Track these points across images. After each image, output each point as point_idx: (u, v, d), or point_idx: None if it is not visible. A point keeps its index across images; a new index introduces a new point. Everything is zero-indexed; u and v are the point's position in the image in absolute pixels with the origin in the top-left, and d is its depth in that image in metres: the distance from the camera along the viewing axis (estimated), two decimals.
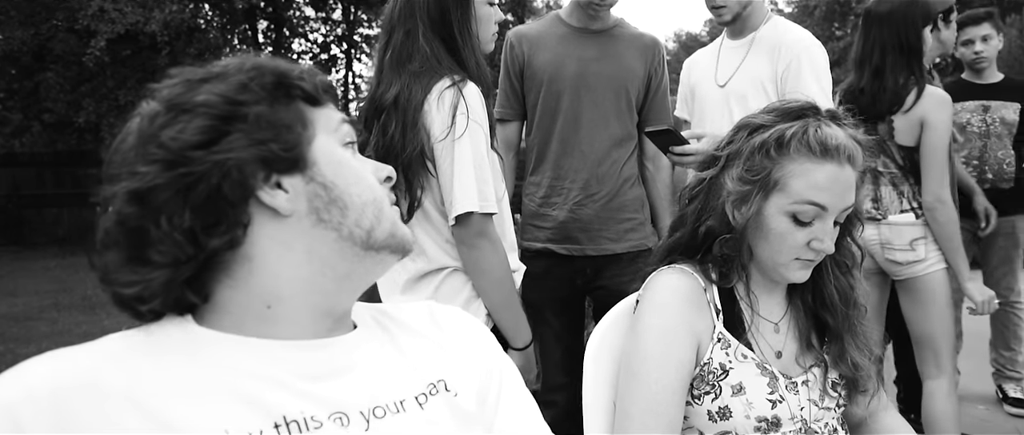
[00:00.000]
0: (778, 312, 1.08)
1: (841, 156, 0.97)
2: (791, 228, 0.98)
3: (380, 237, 0.68)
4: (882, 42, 2.03)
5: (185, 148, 0.60)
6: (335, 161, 0.67)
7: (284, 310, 0.65)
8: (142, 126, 0.63)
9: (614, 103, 1.94)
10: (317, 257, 0.66)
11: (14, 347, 4.90)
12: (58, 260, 10.09)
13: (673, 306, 1.02)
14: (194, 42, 11.43)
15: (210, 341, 0.63)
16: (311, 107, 0.68)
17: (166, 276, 0.61)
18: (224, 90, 0.63)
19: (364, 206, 0.67)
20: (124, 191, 0.61)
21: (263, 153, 0.62)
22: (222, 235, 0.62)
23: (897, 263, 2.05)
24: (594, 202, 1.93)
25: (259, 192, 0.63)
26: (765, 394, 1.00)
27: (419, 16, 1.43)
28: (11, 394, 0.56)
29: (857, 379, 1.05)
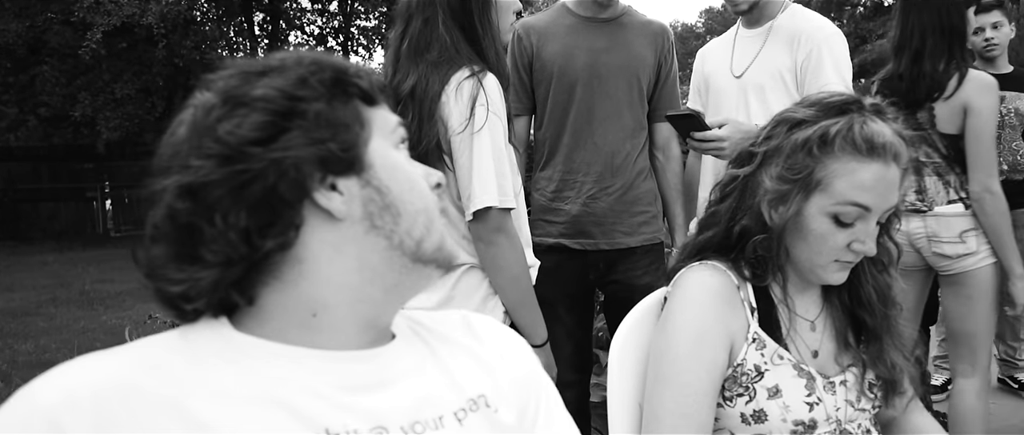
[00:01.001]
0: (814, 310, 1.04)
1: (887, 154, 0.92)
2: (832, 229, 0.93)
3: (428, 249, 0.66)
4: (922, 25, 1.93)
5: (243, 144, 0.57)
6: (390, 165, 0.65)
7: (329, 318, 0.63)
8: (197, 117, 0.60)
9: (627, 93, 1.89)
10: (367, 265, 0.63)
11: (12, 342, 4.87)
12: (56, 255, 10.04)
13: (706, 304, 0.98)
14: (190, 35, 11.35)
15: (251, 348, 0.61)
16: (367, 106, 0.65)
17: (215, 276, 0.58)
18: (283, 84, 0.60)
19: (416, 214, 0.65)
20: (175, 185, 0.58)
21: (321, 153, 0.60)
22: (276, 236, 0.59)
23: (946, 257, 1.95)
24: (608, 195, 1.89)
25: (315, 193, 0.60)
26: (803, 397, 0.96)
27: (439, 4, 1.39)
28: (51, 397, 0.54)
29: (895, 380, 1.01)
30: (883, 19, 22.92)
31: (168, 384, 0.56)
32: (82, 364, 0.57)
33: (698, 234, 1.05)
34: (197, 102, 0.61)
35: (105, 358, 0.58)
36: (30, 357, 4.45)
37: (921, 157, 1.98)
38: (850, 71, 1.88)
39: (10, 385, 3.79)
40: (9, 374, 4.04)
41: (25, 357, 4.46)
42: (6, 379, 3.93)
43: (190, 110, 0.61)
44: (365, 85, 0.64)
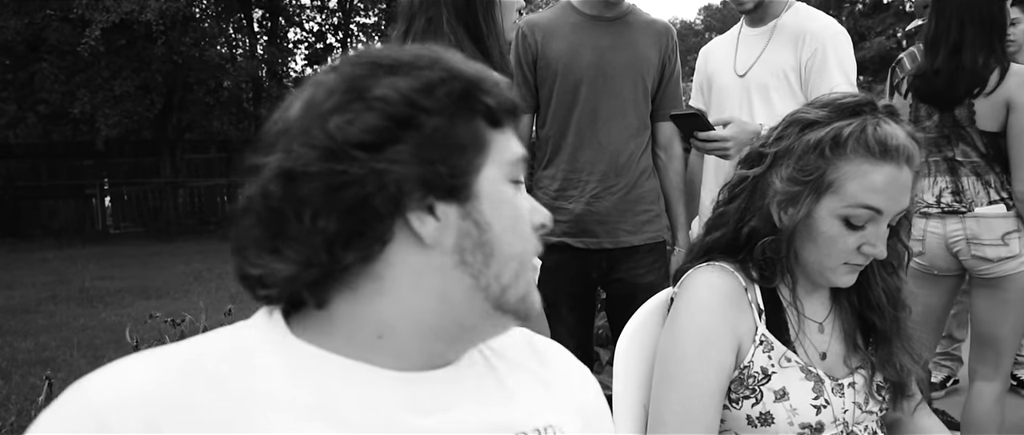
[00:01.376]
0: (822, 311, 1.04)
1: (900, 157, 0.91)
2: (842, 232, 0.93)
3: (512, 299, 0.60)
4: (961, 17, 1.85)
5: (349, 144, 0.53)
6: (498, 199, 0.59)
7: (394, 343, 0.59)
8: (314, 99, 0.56)
9: (632, 92, 1.89)
10: (446, 300, 0.58)
11: (11, 340, 4.86)
12: (55, 252, 10.02)
13: (713, 306, 0.97)
14: (189, 31, 11.32)
15: (311, 360, 0.57)
16: (491, 128, 0.59)
17: (291, 273, 0.55)
18: (407, 88, 0.55)
19: (510, 259, 0.59)
20: (276, 165, 0.55)
21: (428, 174, 0.55)
22: (360, 249, 0.55)
23: (987, 260, 1.87)
24: (612, 194, 1.88)
25: (410, 213, 0.55)
26: (810, 400, 0.96)
27: (443, 3, 1.39)
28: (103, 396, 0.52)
29: (904, 383, 1.00)
30: (882, 16, 22.87)
31: (221, 397, 0.53)
32: (136, 365, 0.55)
33: (705, 235, 1.04)
34: (320, 79, 0.58)
35: (159, 361, 0.55)
36: (30, 355, 4.44)
37: (958, 156, 1.91)
38: (855, 70, 1.87)
39: (9, 382, 3.78)
40: (9, 372, 4.03)
41: (25, 355, 4.45)
42: (6, 376, 3.92)
43: (311, 88, 0.57)
44: (494, 104, 0.58)
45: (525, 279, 0.61)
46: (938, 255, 1.97)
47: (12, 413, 3.20)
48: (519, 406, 0.64)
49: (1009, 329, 1.90)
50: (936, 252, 1.97)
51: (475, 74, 0.58)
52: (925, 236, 1.98)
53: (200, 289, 6.72)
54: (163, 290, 6.69)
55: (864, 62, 24.39)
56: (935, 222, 1.95)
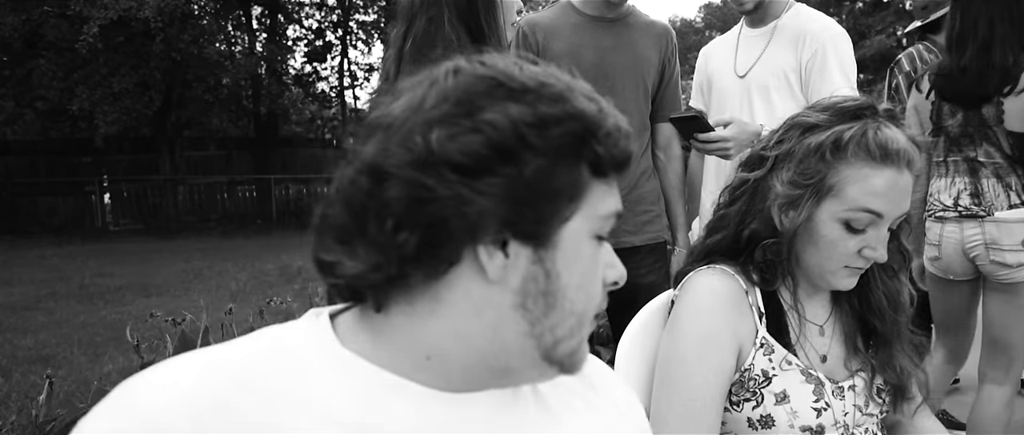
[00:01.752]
0: (823, 314, 1.04)
1: (900, 161, 0.91)
2: (843, 235, 0.93)
3: (562, 353, 0.58)
4: (990, 13, 1.81)
5: (444, 162, 0.51)
6: (576, 254, 0.56)
7: (442, 366, 0.58)
8: (424, 100, 0.54)
9: (632, 93, 1.90)
10: (499, 338, 0.57)
11: (11, 337, 4.86)
12: (54, 249, 10.02)
13: (714, 309, 0.98)
14: (188, 28, 11.31)
15: (358, 370, 0.57)
16: (593, 177, 0.56)
17: (358, 271, 0.54)
18: (520, 117, 0.52)
19: (570, 314, 0.57)
20: (370, 158, 0.53)
21: (511, 214, 0.53)
22: (426, 266, 0.54)
23: (1005, 265, 1.84)
24: None
25: (481, 244, 0.54)
26: (810, 402, 0.96)
27: (445, 2, 1.40)
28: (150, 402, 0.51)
29: (904, 386, 1.01)
30: (882, 14, 22.87)
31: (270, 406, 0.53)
32: (182, 369, 0.54)
33: (706, 237, 1.05)
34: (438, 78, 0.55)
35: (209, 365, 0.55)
36: (30, 352, 4.45)
37: (980, 156, 1.88)
38: (855, 71, 1.88)
39: (9, 380, 3.78)
40: (9, 369, 4.03)
41: (25, 352, 4.45)
42: (6, 374, 3.93)
43: (427, 83, 0.55)
44: (604, 154, 0.55)
45: (578, 338, 0.59)
46: (954, 260, 1.95)
47: (12, 410, 3.20)
48: (561, 430, 0.63)
49: (1021, 334, 1.88)
50: (952, 257, 1.94)
51: (596, 119, 0.55)
52: (941, 241, 1.95)
53: (200, 287, 6.73)
54: (163, 287, 6.70)
55: (864, 61, 24.33)
56: (952, 226, 1.92)
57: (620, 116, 0.57)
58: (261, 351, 0.56)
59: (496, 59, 0.56)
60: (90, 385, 3.58)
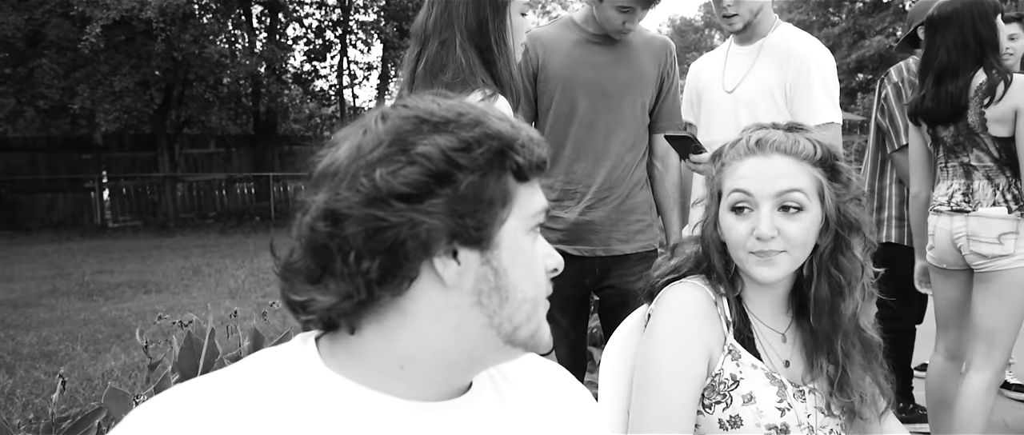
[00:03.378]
0: (783, 322, 1.12)
1: (766, 148, 1.04)
2: (734, 222, 1.05)
3: (523, 336, 0.67)
4: (946, 43, 2.00)
5: (391, 195, 0.59)
6: (516, 249, 0.65)
7: (414, 373, 0.65)
8: (362, 146, 0.62)
9: (629, 108, 1.96)
10: (462, 335, 0.65)
11: (14, 334, 4.92)
12: (54, 246, 10.07)
13: (685, 320, 1.06)
14: (189, 28, 11.35)
15: (340, 391, 0.64)
16: (518, 183, 0.65)
17: (330, 304, 0.62)
18: (447, 146, 0.60)
19: (523, 302, 0.66)
20: (323, 205, 0.61)
21: (456, 227, 0.61)
22: (390, 286, 0.61)
23: (982, 256, 2.00)
24: (606, 205, 1.96)
25: (436, 257, 0.62)
26: (774, 403, 1.04)
27: (457, 26, 1.45)
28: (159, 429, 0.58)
29: (855, 408, 1.08)
30: (882, 15, 22.93)
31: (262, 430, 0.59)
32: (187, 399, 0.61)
33: (671, 257, 1.16)
34: (369, 125, 0.63)
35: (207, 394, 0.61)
36: (33, 348, 4.51)
37: (973, 161, 2.03)
38: (837, 89, 1.97)
39: (14, 376, 3.85)
40: (13, 365, 4.10)
41: (28, 348, 4.52)
42: (10, 370, 3.99)
43: (359, 133, 0.62)
44: (523, 162, 0.64)
45: (536, 320, 0.67)
46: (946, 250, 2.11)
47: (18, 407, 3.27)
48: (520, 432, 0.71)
49: (1002, 322, 2.01)
50: (944, 247, 2.10)
51: (511, 134, 0.63)
52: (936, 231, 2.12)
53: (200, 284, 6.79)
54: (163, 284, 6.76)
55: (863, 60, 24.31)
56: (944, 219, 2.09)
57: (531, 129, 0.67)
58: (256, 380, 0.63)
59: (415, 100, 0.64)
60: (93, 381, 3.66)
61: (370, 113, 0.65)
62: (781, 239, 1.02)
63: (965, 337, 2.19)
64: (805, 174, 1.03)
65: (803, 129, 1.08)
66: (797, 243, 1.02)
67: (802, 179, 1.03)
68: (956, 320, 2.19)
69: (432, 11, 1.48)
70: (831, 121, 1.91)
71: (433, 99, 0.65)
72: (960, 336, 2.21)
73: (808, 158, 1.03)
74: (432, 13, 1.48)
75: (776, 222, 1.02)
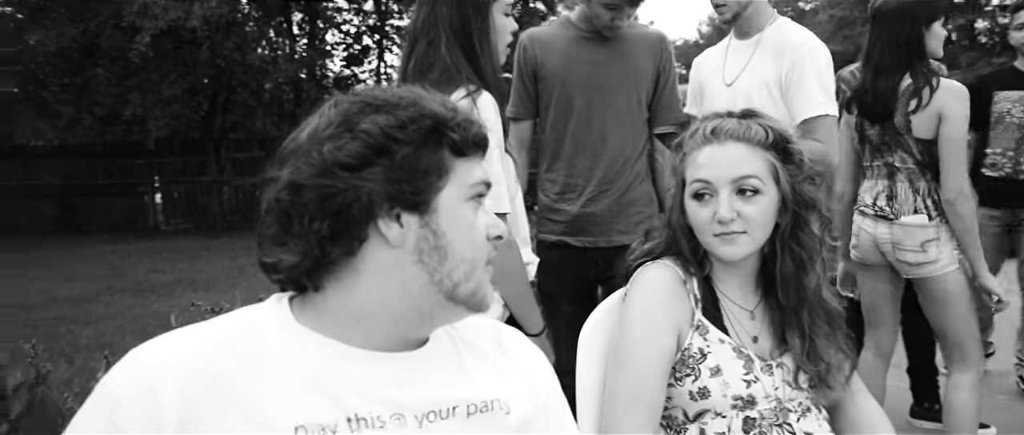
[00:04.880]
0: (752, 300, 1.19)
1: (721, 136, 1.12)
2: (697, 208, 1.13)
3: (463, 293, 0.76)
4: (882, 40, 2.04)
5: (336, 165, 0.70)
6: (454, 214, 0.75)
7: (370, 325, 0.75)
8: (318, 127, 0.73)
9: (626, 102, 2.04)
10: (407, 291, 0.74)
11: (73, 328, 5.26)
12: (111, 247, 10.55)
13: (655, 297, 1.14)
14: (232, 35, 11.75)
15: (306, 339, 0.74)
16: (455, 157, 0.75)
17: (293, 262, 0.73)
18: (385, 124, 0.71)
19: (461, 262, 0.75)
20: (287, 177, 0.72)
21: (393, 191, 0.71)
22: (342, 246, 0.72)
23: (908, 263, 2.05)
24: (606, 197, 2.05)
25: (379, 219, 0.72)
26: (740, 375, 1.12)
27: (442, 27, 1.54)
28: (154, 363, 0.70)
29: (822, 376, 1.14)
30: None
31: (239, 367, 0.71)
32: (177, 339, 0.73)
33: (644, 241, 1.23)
34: (325, 111, 0.74)
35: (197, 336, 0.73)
36: (90, 341, 4.82)
37: (896, 162, 2.07)
38: (833, 83, 2.01)
39: (73, 365, 4.12)
40: (72, 356, 4.38)
41: (86, 341, 4.83)
42: (69, 360, 4.27)
43: (317, 118, 0.74)
44: (458, 139, 0.74)
45: (476, 278, 0.77)
46: (869, 250, 2.16)
47: (74, 392, 3.52)
48: (472, 385, 0.81)
49: (952, 323, 2.05)
50: (867, 247, 2.15)
51: (445, 114, 0.74)
52: (859, 232, 2.17)
53: (245, 283, 7.05)
54: (210, 283, 7.06)
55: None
56: (869, 222, 2.14)
57: (469, 113, 0.77)
58: (237, 328, 0.75)
59: (367, 88, 0.76)
60: None
61: (327, 101, 0.77)
62: (741, 221, 1.09)
63: (888, 336, 2.23)
64: (759, 159, 1.10)
65: (757, 115, 1.15)
66: (756, 224, 1.10)
67: (756, 164, 1.10)
68: (884, 316, 2.21)
69: (420, 13, 1.57)
70: (825, 113, 1.95)
71: (381, 88, 0.76)
72: (889, 333, 2.24)
73: (760, 143, 1.11)
74: (420, 15, 1.57)
75: (735, 205, 1.09)
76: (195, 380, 0.70)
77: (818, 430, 1.15)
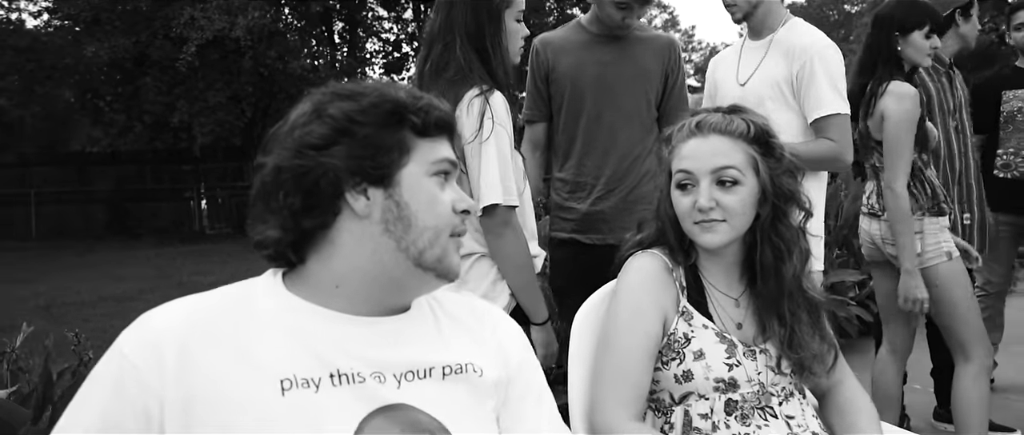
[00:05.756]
0: (737, 288, 1.22)
1: (705, 130, 1.16)
2: (680, 197, 1.17)
3: (428, 259, 0.83)
4: (863, 47, 2.17)
5: (305, 146, 0.79)
6: (417, 187, 0.82)
7: (348, 292, 0.83)
8: (296, 116, 0.82)
9: (634, 103, 2.07)
10: (378, 259, 0.81)
11: (114, 323, 5.43)
12: (157, 250, 10.96)
13: (643, 285, 1.18)
14: (275, 45, 12.12)
15: (294, 306, 0.82)
16: (417, 137, 0.83)
17: (276, 236, 0.82)
18: (349, 109, 0.80)
19: (424, 230, 0.82)
20: (271, 162, 0.81)
21: (355, 166, 0.79)
22: (315, 218, 0.80)
23: (895, 257, 2.08)
24: (615, 195, 2.08)
25: (347, 193, 0.80)
26: (723, 359, 1.15)
27: (457, 31, 1.61)
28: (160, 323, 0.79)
29: (805, 363, 1.17)
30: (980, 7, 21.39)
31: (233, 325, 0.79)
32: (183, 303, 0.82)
33: (637, 233, 1.27)
34: (302, 104, 0.83)
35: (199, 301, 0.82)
36: None
37: (876, 163, 2.14)
38: (844, 82, 2.01)
39: None
40: None
41: None
42: None
43: (298, 109, 0.83)
44: (419, 121, 0.82)
45: (440, 245, 0.84)
46: (870, 248, 2.21)
47: None
48: (449, 350, 0.87)
49: (947, 316, 2.05)
50: (868, 245, 2.21)
51: (406, 100, 0.82)
52: (862, 232, 2.24)
53: None
54: None
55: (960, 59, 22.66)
56: (866, 220, 2.21)
57: (435, 99, 0.85)
58: (235, 295, 0.85)
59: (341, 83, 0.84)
60: None
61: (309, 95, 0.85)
62: (720, 209, 1.13)
63: (902, 332, 2.23)
64: (739, 151, 1.14)
65: (743, 111, 1.19)
66: (735, 212, 1.13)
67: (736, 156, 1.14)
68: (895, 312, 2.21)
69: (437, 18, 1.65)
70: (837, 112, 1.95)
71: (353, 82, 0.85)
72: (902, 330, 2.23)
73: (742, 136, 1.14)
74: (437, 20, 1.65)
75: (714, 195, 1.13)
76: (193, 336, 0.78)
77: (800, 414, 1.16)
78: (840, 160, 1.96)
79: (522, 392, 0.92)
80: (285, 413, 0.76)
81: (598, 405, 1.15)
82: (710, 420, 1.14)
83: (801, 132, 1.99)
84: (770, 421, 1.14)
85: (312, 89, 0.85)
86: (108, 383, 0.77)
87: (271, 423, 0.76)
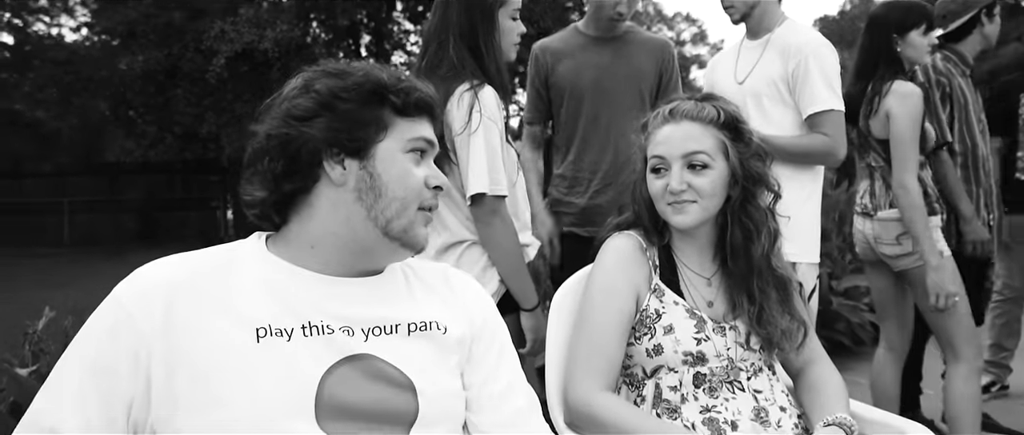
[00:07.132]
0: (710, 268, 1.26)
1: (677, 117, 1.21)
2: (654, 180, 1.23)
3: (395, 229, 0.90)
4: (860, 48, 2.19)
5: (291, 117, 0.87)
6: (391, 162, 0.89)
7: (322, 253, 0.90)
8: (288, 90, 0.90)
9: (629, 101, 2.12)
10: (350, 225, 0.89)
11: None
12: None
13: (617, 264, 1.23)
14: (303, 58, 12.37)
15: (274, 265, 0.90)
16: (397, 115, 0.90)
17: (260, 198, 0.90)
18: (334, 86, 0.88)
19: (392, 200, 0.89)
20: (262, 130, 0.89)
21: (332, 138, 0.87)
22: (294, 182, 0.87)
23: (888, 256, 2.13)
24: (612, 190, 2.13)
25: (325, 162, 0.87)
26: (692, 334, 1.18)
27: (451, 30, 1.69)
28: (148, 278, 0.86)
29: (773, 339, 1.20)
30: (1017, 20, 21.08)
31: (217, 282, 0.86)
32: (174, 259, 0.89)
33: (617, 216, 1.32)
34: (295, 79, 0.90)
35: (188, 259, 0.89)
36: None
37: (871, 162, 2.16)
38: (839, 81, 2.03)
39: None
40: None
41: None
42: None
43: (290, 83, 0.91)
44: (398, 101, 0.89)
45: (407, 217, 0.90)
46: (863, 247, 2.23)
47: None
48: (415, 308, 0.93)
49: (936, 316, 2.05)
50: (862, 244, 2.22)
51: (387, 80, 0.89)
52: (855, 231, 2.25)
53: None
54: None
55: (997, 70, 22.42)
56: (859, 220, 2.23)
57: (417, 82, 0.91)
58: (222, 254, 0.92)
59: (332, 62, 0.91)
60: None
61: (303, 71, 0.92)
62: (691, 191, 1.18)
63: (898, 330, 2.24)
64: (710, 136, 1.18)
65: (715, 98, 1.23)
66: (705, 194, 1.18)
67: (706, 141, 1.18)
68: (889, 312, 2.23)
69: (433, 18, 1.73)
70: (831, 108, 1.97)
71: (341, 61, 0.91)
72: (897, 329, 2.24)
73: (713, 121, 1.18)
74: (433, 20, 1.73)
75: (685, 178, 1.18)
76: (181, 289, 0.86)
77: (768, 389, 1.19)
78: (833, 155, 1.98)
79: (485, 349, 0.97)
80: (259, 357, 0.83)
81: (572, 378, 1.19)
82: (679, 392, 1.17)
83: (797, 128, 2.02)
84: (738, 394, 1.17)
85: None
86: (104, 329, 0.84)
87: (247, 365, 0.82)
